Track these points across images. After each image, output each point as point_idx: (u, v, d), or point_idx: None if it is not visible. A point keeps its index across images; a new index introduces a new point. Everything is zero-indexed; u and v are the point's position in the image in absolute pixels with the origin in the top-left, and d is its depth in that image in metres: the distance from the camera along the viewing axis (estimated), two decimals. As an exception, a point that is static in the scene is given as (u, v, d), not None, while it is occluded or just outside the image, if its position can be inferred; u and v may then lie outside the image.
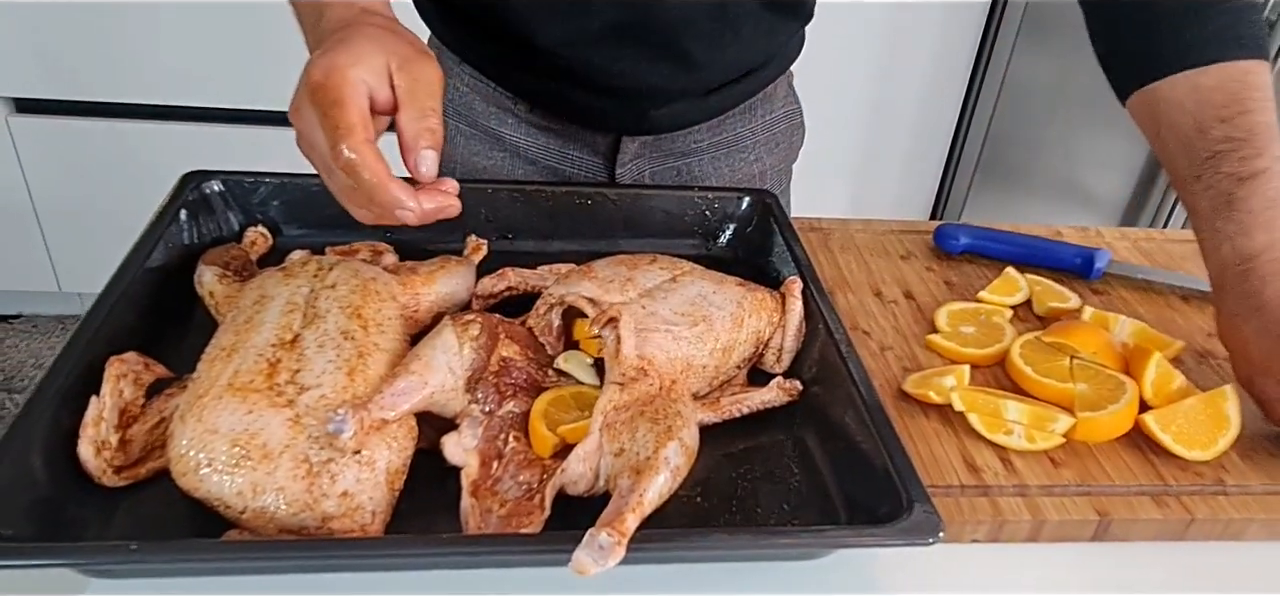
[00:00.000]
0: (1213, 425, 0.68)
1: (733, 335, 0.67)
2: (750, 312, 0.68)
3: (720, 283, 0.70)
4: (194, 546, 0.51)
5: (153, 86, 1.88)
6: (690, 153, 0.95)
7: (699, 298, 0.68)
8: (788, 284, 0.71)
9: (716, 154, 0.96)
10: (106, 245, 1.96)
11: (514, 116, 0.92)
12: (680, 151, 0.94)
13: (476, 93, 0.92)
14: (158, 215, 0.74)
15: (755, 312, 0.68)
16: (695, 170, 0.96)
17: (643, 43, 0.80)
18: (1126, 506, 0.63)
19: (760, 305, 0.69)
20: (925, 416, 0.69)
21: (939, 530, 0.52)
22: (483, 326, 0.62)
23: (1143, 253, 0.95)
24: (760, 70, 0.92)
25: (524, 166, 0.94)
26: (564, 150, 0.93)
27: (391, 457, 0.55)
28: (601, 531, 0.48)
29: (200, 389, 0.55)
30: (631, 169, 0.93)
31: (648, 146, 0.93)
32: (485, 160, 0.94)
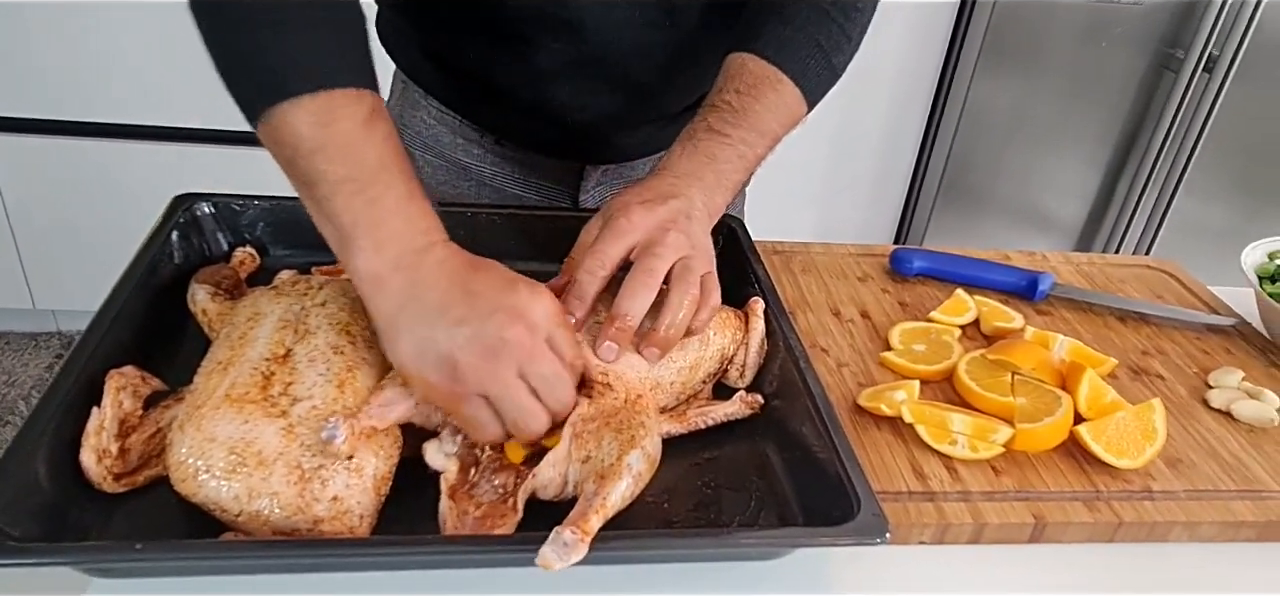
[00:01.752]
0: (1141, 436, 0.71)
1: (699, 353, 0.69)
2: (716, 331, 0.70)
3: None
4: (194, 546, 0.53)
5: (127, 106, 1.86)
6: None
7: None
8: (751, 304, 0.74)
9: None
10: (81, 263, 2.00)
11: (479, 148, 0.93)
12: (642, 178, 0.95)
13: (443, 125, 0.93)
14: (150, 236, 0.75)
15: (720, 331, 0.70)
16: None
17: (599, 78, 0.82)
18: (1061, 510, 0.66)
19: (725, 324, 0.71)
20: (878, 428, 0.72)
21: (885, 530, 0.54)
22: None
23: (1084, 276, 0.98)
24: None
25: (489, 195, 0.95)
26: (528, 179, 0.94)
27: (378, 464, 0.56)
28: (566, 529, 0.50)
29: (198, 400, 0.56)
30: (594, 196, 0.95)
31: (609, 174, 0.94)
32: (452, 190, 0.95)
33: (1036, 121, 2.08)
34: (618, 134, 0.89)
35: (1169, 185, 2.14)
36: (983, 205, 2.20)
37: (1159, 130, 2.07)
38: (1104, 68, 2.02)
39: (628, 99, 0.85)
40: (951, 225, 2.21)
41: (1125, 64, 2.02)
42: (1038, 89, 2.03)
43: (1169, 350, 0.87)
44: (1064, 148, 2.14)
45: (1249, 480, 0.71)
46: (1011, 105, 2.05)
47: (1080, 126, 2.11)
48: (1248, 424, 0.77)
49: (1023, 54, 1.97)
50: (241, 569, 0.55)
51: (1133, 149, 2.13)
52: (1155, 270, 1.02)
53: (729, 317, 0.72)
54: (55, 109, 1.85)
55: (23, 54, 1.78)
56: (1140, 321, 0.91)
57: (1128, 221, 2.19)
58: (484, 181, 0.94)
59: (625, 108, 0.86)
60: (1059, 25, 1.94)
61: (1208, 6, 1.92)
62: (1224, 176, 2.18)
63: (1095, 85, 2.04)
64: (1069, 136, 2.12)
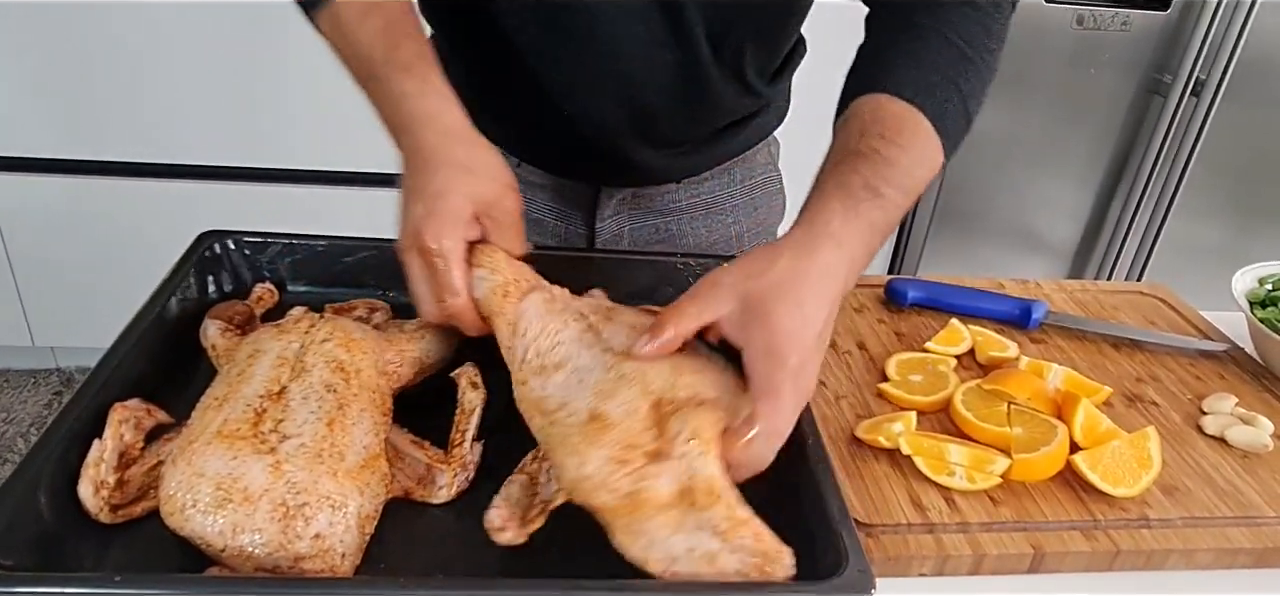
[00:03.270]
0: (1137, 464, 0.68)
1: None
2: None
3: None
4: (174, 580, 0.50)
5: (127, 145, 1.84)
6: (669, 211, 0.93)
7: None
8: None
9: (695, 214, 0.94)
10: (80, 300, 1.98)
11: None
12: (659, 210, 0.93)
13: None
14: (172, 271, 0.73)
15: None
16: (673, 229, 0.94)
17: (608, 95, 0.79)
18: (1059, 540, 0.63)
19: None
20: (876, 460, 0.69)
21: (871, 588, 0.50)
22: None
23: (1078, 303, 0.96)
24: (736, 133, 0.91)
25: None
26: (545, 203, 0.91)
27: (363, 503, 0.54)
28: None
29: (192, 435, 0.54)
30: (611, 224, 0.92)
31: (626, 203, 0.91)
32: None
33: (1027, 146, 2.06)
34: (632, 157, 0.85)
35: (1161, 207, 2.11)
36: (976, 231, 2.18)
37: (1149, 153, 2.04)
38: (1093, 92, 2.00)
39: (638, 118, 0.81)
40: (946, 251, 2.19)
41: (1114, 88, 2.00)
42: (1028, 114, 2.01)
43: (1163, 377, 0.85)
44: (1055, 172, 2.11)
45: (1244, 506, 0.67)
46: (1003, 131, 2.03)
47: (1071, 151, 2.08)
48: (1242, 450, 0.73)
49: (1012, 79, 1.94)
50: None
51: (1124, 172, 2.11)
52: (1147, 296, 0.99)
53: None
54: (55, 148, 1.83)
55: (24, 94, 1.76)
56: (1134, 348, 0.88)
57: (1120, 244, 2.16)
58: None
59: (636, 127, 0.82)
60: (1048, 51, 1.92)
61: (1194, 31, 1.90)
62: (1215, 197, 2.15)
63: (1085, 110, 2.02)
64: (1060, 161, 2.10)
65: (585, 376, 0.57)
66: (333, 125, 1.83)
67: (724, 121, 0.89)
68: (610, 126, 0.82)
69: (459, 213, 0.60)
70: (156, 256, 0.75)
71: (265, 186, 1.90)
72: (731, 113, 0.88)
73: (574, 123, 0.82)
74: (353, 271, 0.80)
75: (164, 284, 0.72)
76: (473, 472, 0.61)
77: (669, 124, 0.84)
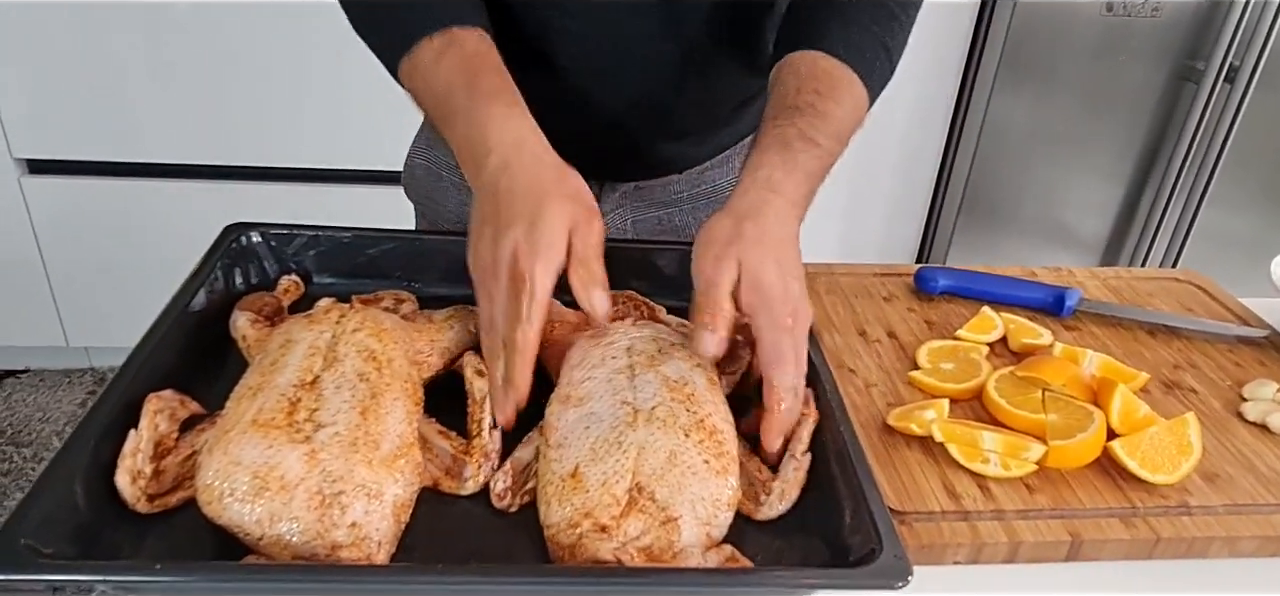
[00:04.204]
0: (1177, 450, 0.67)
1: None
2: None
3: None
4: (213, 568, 0.51)
5: (158, 146, 1.87)
6: (671, 202, 0.94)
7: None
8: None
9: (696, 204, 0.95)
10: (113, 300, 2.00)
11: None
12: (661, 201, 0.93)
13: None
14: (200, 263, 0.74)
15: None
16: (675, 220, 0.94)
17: (608, 89, 0.80)
18: (1097, 528, 0.62)
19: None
20: (908, 447, 0.68)
21: (908, 574, 0.50)
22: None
23: (1111, 290, 0.94)
24: (738, 118, 0.91)
25: None
26: None
27: (399, 492, 0.54)
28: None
29: (227, 424, 0.54)
30: (614, 218, 0.92)
31: (629, 196, 0.91)
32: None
33: (1057, 136, 2.03)
34: (632, 150, 0.86)
35: (1193, 197, 2.08)
36: (1004, 222, 2.15)
37: (1181, 142, 2.01)
38: (1124, 81, 1.96)
39: (639, 111, 0.81)
40: (973, 242, 2.16)
41: (1145, 76, 1.96)
42: (1057, 103, 1.98)
43: (1201, 363, 0.83)
44: (1085, 162, 2.08)
45: (1289, 494, 0.67)
46: (1031, 120, 2.00)
47: (1101, 140, 2.05)
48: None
49: (1041, 69, 1.92)
50: (259, 592, 0.53)
51: (1155, 162, 2.07)
52: (1183, 283, 0.97)
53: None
54: (86, 149, 1.85)
55: (55, 97, 1.79)
56: (1170, 335, 0.87)
57: (1153, 235, 2.13)
58: None
59: (637, 120, 0.82)
60: (1077, 39, 1.89)
61: (1228, 16, 1.86)
62: (1249, 186, 2.11)
63: (1115, 99, 1.99)
64: (1090, 151, 2.07)
65: (592, 425, 0.58)
66: (357, 125, 1.85)
67: (730, 105, 0.90)
68: (620, 117, 0.83)
69: (558, 241, 0.59)
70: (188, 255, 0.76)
71: (295, 185, 1.92)
72: (738, 94, 0.89)
73: (582, 115, 0.82)
74: (377, 263, 0.80)
75: (192, 276, 0.72)
76: (496, 461, 0.60)
77: (670, 116, 0.84)
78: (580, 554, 0.52)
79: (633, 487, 0.54)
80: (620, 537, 0.52)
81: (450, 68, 0.66)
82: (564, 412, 0.60)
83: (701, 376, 0.62)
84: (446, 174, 0.92)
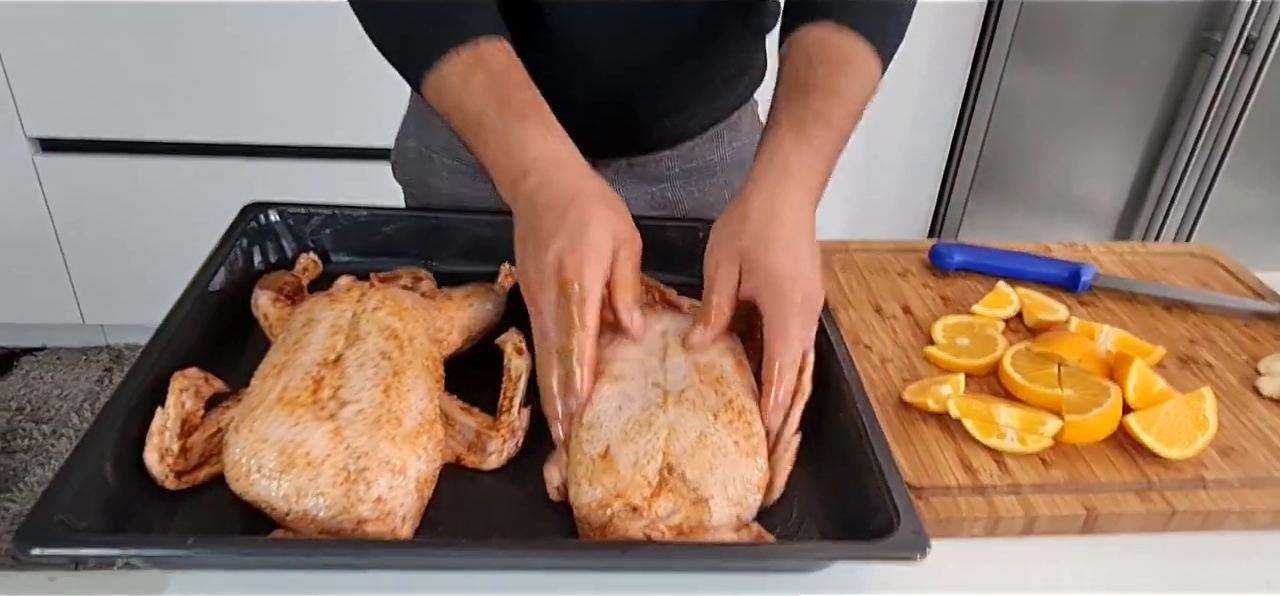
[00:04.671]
0: (1192, 425, 0.67)
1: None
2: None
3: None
4: (243, 543, 0.52)
5: (172, 124, 1.87)
6: (663, 178, 0.93)
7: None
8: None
9: (688, 179, 0.94)
10: (128, 278, 2.01)
11: None
12: (653, 177, 0.93)
13: None
14: (220, 242, 0.75)
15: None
16: (669, 195, 0.94)
17: (602, 66, 0.79)
18: (1112, 501, 0.62)
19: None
20: (924, 423, 0.69)
21: (925, 547, 0.51)
22: None
23: (1127, 265, 0.94)
24: (731, 89, 0.91)
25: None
26: None
27: (422, 468, 0.55)
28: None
29: (253, 402, 0.55)
30: None
31: (622, 172, 0.91)
32: (471, 192, 0.92)
33: (1071, 110, 2.01)
34: (626, 122, 0.86)
35: (1208, 171, 2.06)
36: (1017, 196, 2.14)
37: (1197, 115, 1.99)
38: (1139, 53, 1.94)
39: (634, 80, 0.81)
40: (986, 217, 2.15)
41: (1160, 48, 1.94)
42: (1071, 76, 1.97)
43: (1217, 338, 0.83)
44: (1099, 136, 2.07)
45: (1304, 468, 0.67)
46: (1045, 94, 1.98)
47: (1116, 114, 2.04)
48: (1302, 411, 0.73)
49: (1055, 41, 1.89)
50: (288, 566, 0.54)
51: (1170, 135, 2.06)
52: (1199, 257, 0.97)
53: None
54: (99, 128, 1.86)
55: (69, 76, 1.79)
56: (1186, 310, 0.87)
57: (1166, 209, 2.12)
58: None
59: (632, 90, 0.82)
60: (1091, 11, 1.87)
61: (1245, -12, 1.85)
62: (1265, 160, 2.08)
63: (1130, 71, 1.97)
64: (1104, 124, 2.05)
65: (624, 406, 0.59)
66: (369, 103, 1.85)
67: (724, 74, 0.90)
68: (614, 86, 0.82)
69: (603, 247, 0.59)
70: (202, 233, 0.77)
71: (308, 163, 1.93)
72: (732, 63, 0.89)
73: (576, 83, 0.81)
74: (393, 241, 0.81)
75: (212, 256, 0.73)
76: (522, 438, 0.61)
77: (665, 90, 0.84)
78: (611, 534, 0.53)
79: (663, 468, 0.55)
80: (651, 517, 0.53)
81: (481, 87, 0.66)
82: (599, 388, 0.60)
83: (731, 359, 0.63)
84: (437, 156, 0.92)
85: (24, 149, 1.87)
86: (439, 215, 0.84)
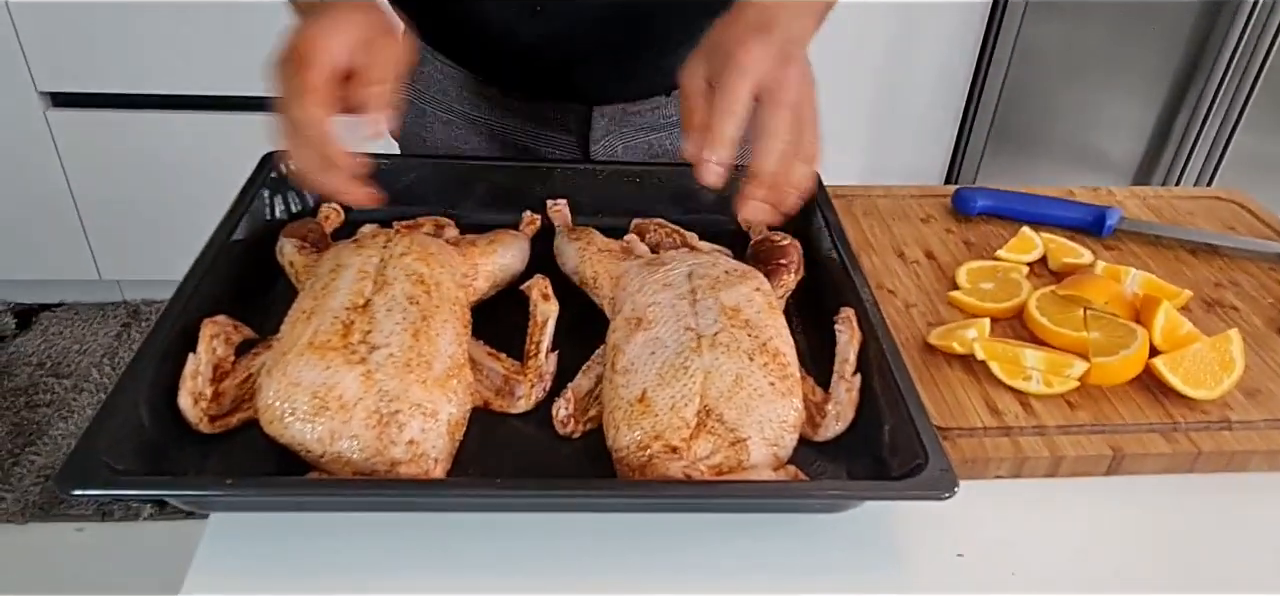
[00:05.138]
0: (1219, 366, 0.67)
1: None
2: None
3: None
4: (281, 484, 0.53)
5: (184, 78, 1.86)
6: (660, 127, 0.92)
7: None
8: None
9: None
10: (143, 233, 2.01)
11: (487, 101, 0.90)
12: (650, 126, 0.92)
13: (450, 79, 0.90)
14: (241, 191, 0.75)
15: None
16: (665, 144, 0.93)
17: (586, 9, 0.78)
18: (1138, 442, 0.63)
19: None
20: (949, 366, 0.69)
21: (954, 486, 0.51)
22: None
23: (1152, 210, 0.94)
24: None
25: (499, 147, 0.92)
26: (538, 131, 0.91)
27: (453, 411, 0.55)
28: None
29: (284, 347, 0.56)
30: (604, 146, 0.91)
31: (618, 121, 0.90)
32: (464, 144, 0.92)
33: (1090, 57, 1.98)
34: (615, 62, 0.84)
35: (1229, 119, 2.03)
36: (1035, 144, 2.11)
37: (1218, 63, 1.95)
38: (1160, 0, 1.92)
39: (626, 26, 0.79)
40: (1003, 165, 2.13)
41: (1183, -6, 1.92)
42: (1091, 23, 1.93)
43: (1242, 281, 0.83)
44: (1119, 83, 2.04)
45: (1330, 409, 0.67)
46: (1064, 41, 1.95)
47: (1136, 61, 2.01)
48: (1328, 353, 0.73)
49: (1074, -13, 1.88)
50: (327, 506, 0.55)
51: (1191, 82, 2.03)
52: (1225, 201, 0.96)
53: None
54: (110, 82, 1.85)
55: (76, 29, 1.78)
56: (1211, 253, 0.86)
57: (1186, 158, 2.10)
58: (494, 134, 0.91)
59: (618, 25, 0.80)
60: (1113, -42, 1.85)
61: (1271, -67, 1.81)
62: (1287, 107, 2.07)
63: (1151, 18, 1.94)
64: (1124, 71, 2.02)
65: (658, 350, 0.59)
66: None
67: (714, 10, 0.88)
68: (599, 20, 0.80)
69: (340, 30, 0.58)
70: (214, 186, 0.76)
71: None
72: (731, 3, 0.87)
73: (562, 15, 0.79)
74: (412, 189, 0.81)
75: (235, 205, 0.73)
76: (550, 383, 0.62)
77: (659, 15, 0.82)
78: (651, 474, 0.53)
79: (701, 411, 0.55)
80: (691, 458, 0.54)
81: None
82: (630, 336, 0.60)
83: (762, 299, 0.63)
84: (430, 109, 0.92)
85: (36, 105, 1.86)
86: (458, 163, 0.84)
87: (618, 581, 0.53)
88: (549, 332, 0.64)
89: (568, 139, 0.91)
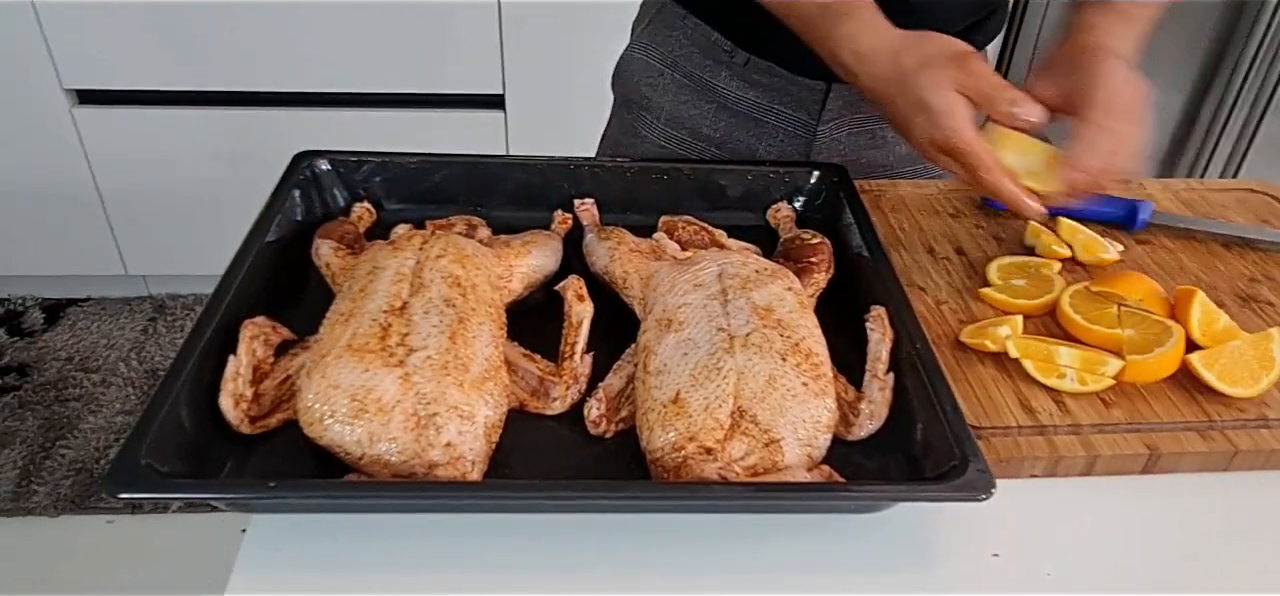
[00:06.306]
0: (1258, 365, 0.66)
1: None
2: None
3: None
4: (321, 485, 0.54)
5: (208, 73, 1.87)
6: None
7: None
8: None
9: None
10: (169, 228, 2.02)
11: (727, 68, 0.90)
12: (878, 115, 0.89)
13: (695, 44, 0.91)
14: (274, 192, 0.75)
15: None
16: (889, 135, 0.93)
17: None
18: (1174, 441, 0.62)
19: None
20: (982, 364, 0.68)
21: (991, 487, 0.51)
22: None
23: (1183, 202, 0.93)
24: (979, 30, 0.89)
25: (727, 119, 0.92)
26: (770, 105, 0.91)
27: (489, 413, 0.56)
28: None
29: (323, 349, 0.56)
30: (831, 129, 0.91)
31: (851, 105, 0.90)
32: (691, 110, 0.92)
33: (1115, 47, 1.97)
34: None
35: (1258, 107, 2.01)
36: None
37: (1246, 52, 1.94)
38: (1188, -12, 1.90)
39: (895, 5, 0.75)
40: (1027, 156, 2.12)
41: (1210, -17, 1.90)
42: (1117, 13, 1.92)
43: (1277, 276, 0.81)
44: (1146, 69, 2.02)
45: (1370, 408, 0.67)
46: (1089, 31, 1.94)
47: (1162, 50, 1.98)
48: (1366, 350, 0.72)
49: (1101, -24, 1.85)
50: (367, 508, 0.56)
51: (1218, 69, 2.01)
52: (1259, 194, 0.95)
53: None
54: (136, 79, 1.87)
55: (102, 26, 1.80)
56: (1245, 247, 0.85)
57: (1213, 145, 2.07)
58: (725, 103, 0.92)
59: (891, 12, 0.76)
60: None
61: (1302, -82, 1.78)
62: (1318, 97, 2.04)
63: (1177, 7, 1.92)
64: (1150, 61, 1.99)
65: (691, 351, 0.59)
66: (415, 49, 1.84)
67: (975, 15, 0.90)
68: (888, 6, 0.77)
69: (955, 107, 0.64)
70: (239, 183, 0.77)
71: (349, 111, 1.93)
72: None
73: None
74: (442, 188, 0.81)
75: (268, 206, 0.74)
76: (585, 384, 0.62)
77: (922, 12, 0.80)
78: (685, 475, 0.53)
79: (735, 411, 0.55)
80: (725, 459, 0.54)
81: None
82: (662, 337, 0.60)
83: (793, 298, 0.63)
84: (667, 70, 0.92)
85: (62, 102, 1.88)
86: (487, 161, 0.84)
87: (654, 581, 0.54)
88: (584, 333, 0.64)
89: (797, 117, 0.92)
